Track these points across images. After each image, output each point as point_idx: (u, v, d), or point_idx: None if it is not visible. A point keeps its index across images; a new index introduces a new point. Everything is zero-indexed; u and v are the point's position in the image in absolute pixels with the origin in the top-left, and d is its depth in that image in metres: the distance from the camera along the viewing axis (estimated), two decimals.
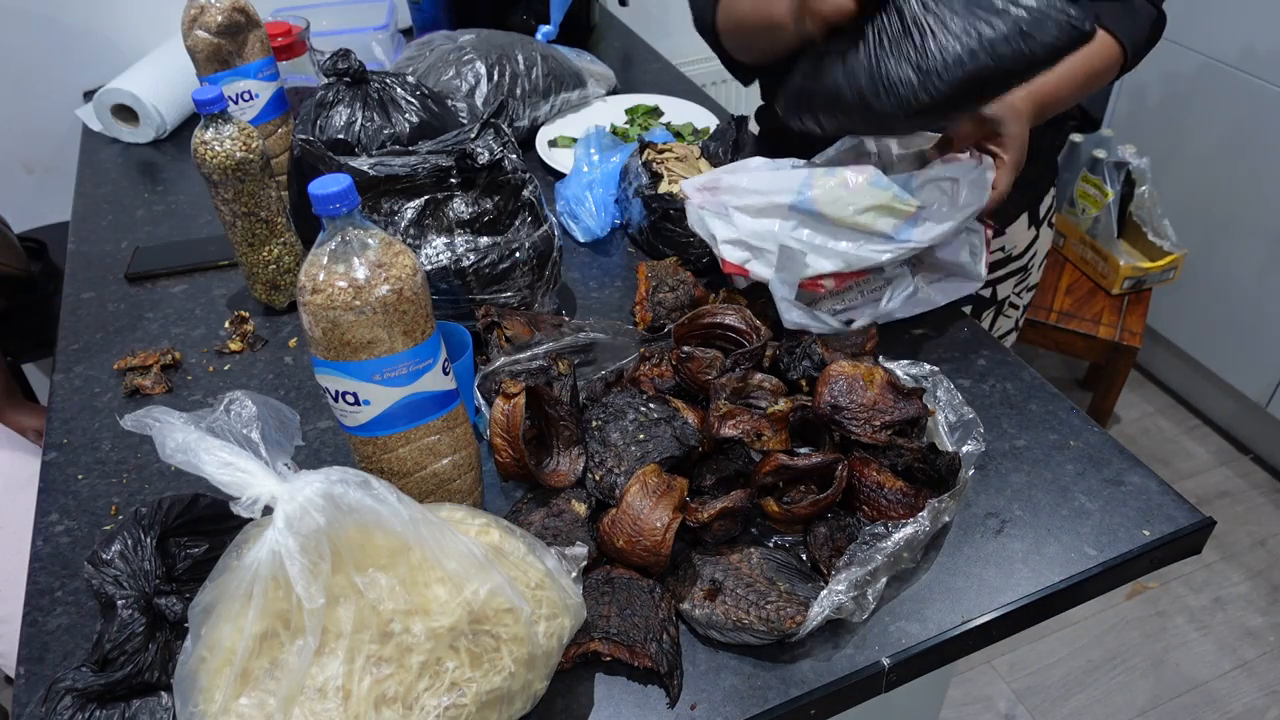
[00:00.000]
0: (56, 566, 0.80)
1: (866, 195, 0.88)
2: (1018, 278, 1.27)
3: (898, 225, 0.88)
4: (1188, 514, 0.80)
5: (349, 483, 0.56)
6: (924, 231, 0.88)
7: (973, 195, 0.89)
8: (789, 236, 0.90)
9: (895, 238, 0.88)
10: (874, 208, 0.88)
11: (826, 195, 0.89)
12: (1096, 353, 2.07)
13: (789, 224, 0.91)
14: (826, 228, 0.90)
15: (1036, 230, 1.25)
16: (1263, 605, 1.95)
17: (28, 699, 0.69)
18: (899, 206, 0.88)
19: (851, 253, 0.89)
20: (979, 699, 1.81)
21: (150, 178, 1.44)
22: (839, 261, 0.89)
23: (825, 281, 0.91)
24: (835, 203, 0.88)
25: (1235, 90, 1.98)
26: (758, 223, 0.92)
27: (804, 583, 0.72)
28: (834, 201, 0.89)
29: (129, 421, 0.57)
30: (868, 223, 0.88)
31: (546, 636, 0.62)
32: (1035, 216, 1.23)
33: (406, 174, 0.91)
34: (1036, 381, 0.95)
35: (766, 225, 0.92)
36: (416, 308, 0.68)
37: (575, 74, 1.51)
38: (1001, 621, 0.74)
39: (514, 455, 0.77)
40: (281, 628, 0.57)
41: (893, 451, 0.79)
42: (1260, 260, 2.05)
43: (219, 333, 1.08)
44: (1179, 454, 2.30)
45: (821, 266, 0.90)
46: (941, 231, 0.88)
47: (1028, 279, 1.30)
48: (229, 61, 1.20)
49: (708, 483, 0.80)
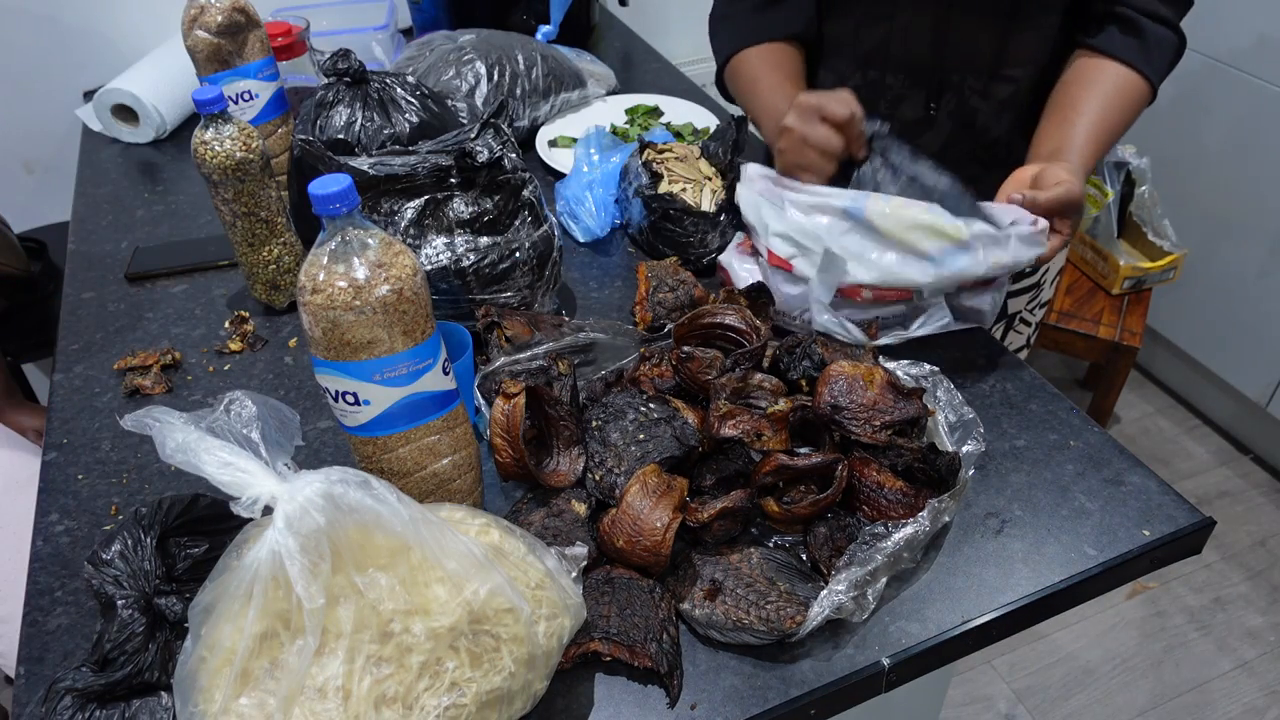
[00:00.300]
0: (56, 566, 0.80)
1: (919, 214, 0.88)
2: (1030, 294, 1.26)
3: (944, 249, 0.87)
4: (1188, 514, 0.80)
5: (349, 483, 0.56)
6: (968, 264, 0.87)
7: (1021, 250, 0.88)
8: (835, 240, 0.90)
9: (939, 261, 0.87)
10: (923, 227, 0.87)
11: (879, 206, 0.88)
12: (1096, 353, 2.07)
13: (838, 227, 0.91)
14: (874, 238, 0.89)
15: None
16: (1263, 605, 1.95)
17: (28, 699, 0.69)
18: (949, 231, 0.87)
19: (893, 268, 0.89)
20: (979, 699, 1.81)
21: (150, 178, 1.44)
22: (878, 274, 0.89)
23: (864, 291, 0.91)
24: (887, 215, 0.88)
25: (1235, 90, 1.98)
26: (809, 219, 0.92)
27: (804, 583, 0.72)
28: (886, 214, 0.88)
29: (129, 421, 0.57)
30: (915, 241, 0.87)
31: (546, 636, 0.62)
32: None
33: (406, 173, 0.91)
34: (1036, 381, 0.95)
35: (816, 223, 0.91)
36: (416, 308, 0.68)
37: (575, 74, 1.51)
38: (1001, 621, 0.74)
39: (514, 455, 0.77)
40: (281, 628, 0.57)
41: (893, 452, 0.79)
42: (1260, 260, 2.05)
43: (219, 333, 1.08)
44: (1179, 454, 2.30)
45: (860, 276, 0.89)
46: (983, 272, 0.88)
47: (1040, 295, 1.28)
48: (229, 61, 1.20)
49: (708, 483, 0.79)
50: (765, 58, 1.10)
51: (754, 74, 1.10)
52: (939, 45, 1.03)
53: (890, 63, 1.06)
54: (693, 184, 1.15)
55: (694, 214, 1.10)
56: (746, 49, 1.11)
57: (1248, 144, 2.00)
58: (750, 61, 1.11)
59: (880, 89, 1.08)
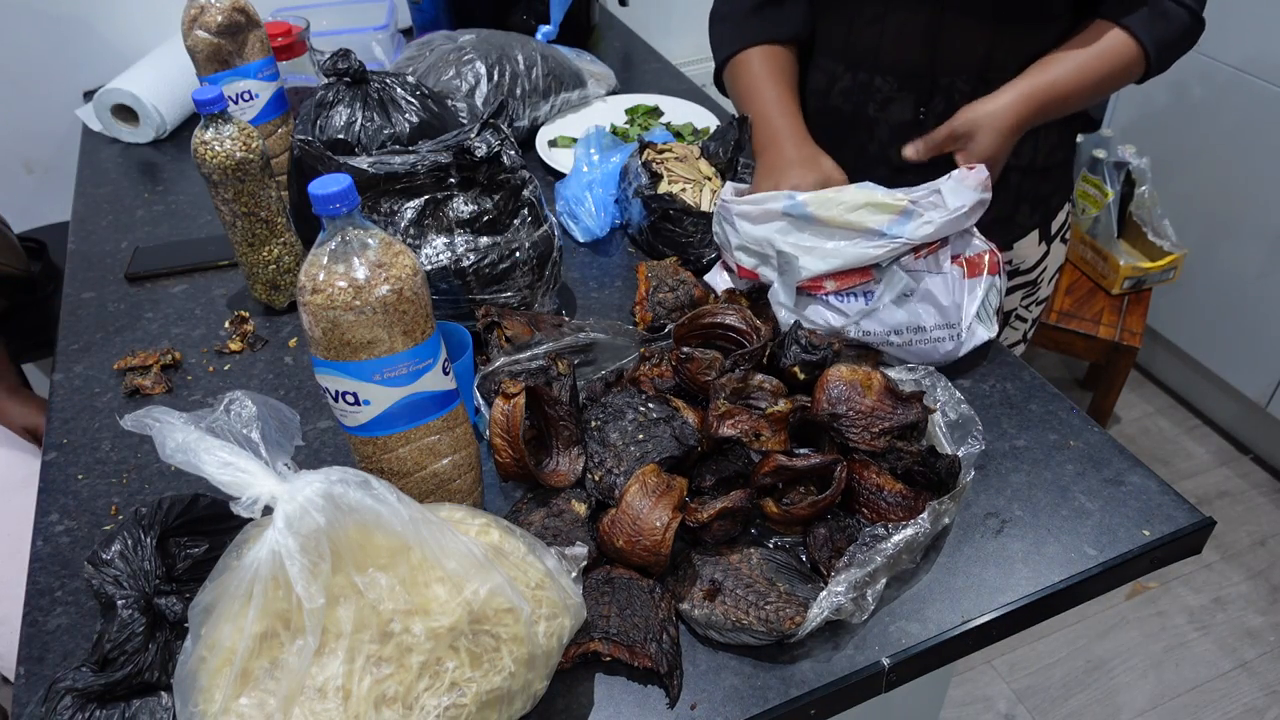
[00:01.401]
0: (56, 566, 0.80)
1: (856, 194, 0.89)
2: (1025, 291, 1.25)
3: (890, 220, 0.88)
4: (1188, 514, 0.80)
5: (349, 483, 0.56)
6: (916, 227, 0.88)
7: (958, 196, 0.89)
8: (784, 242, 0.91)
9: (888, 233, 0.88)
10: (864, 205, 0.89)
11: (817, 198, 0.90)
12: (1096, 353, 2.07)
13: (783, 228, 0.92)
14: (819, 229, 0.90)
15: (1048, 246, 1.22)
16: (1263, 605, 1.95)
17: (28, 699, 0.69)
18: (889, 202, 0.88)
19: (846, 250, 0.89)
20: (979, 699, 1.81)
21: (150, 178, 1.44)
22: (834, 260, 0.89)
23: (827, 283, 0.91)
24: (825, 203, 0.90)
25: (1235, 91, 1.98)
26: (757, 229, 0.94)
27: (803, 584, 0.72)
28: (824, 202, 0.90)
29: (129, 421, 0.57)
30: (859, 220, 0.88)
31: (546, 636, 0.62)
32: (1046, 233, 1.20)
33: (406, 172, 0.91)
34: (1036, 381, 0.95)
35: (765, 231, 0.93)
36: (416, 308, 0.68)
37: (575, 74, 1.51)
38: (1001, 621, 0.74)
39: (514, 455, 0.77)
40: (281, 628, 0.57)
41: (892, 455, 0.79)
42: (1260, 260, 2.05)
43: (219, 333, 1.08)
44: (1179, 454, 2.30)
45: (817, 268, 0.90)
46: (933, 229, 0.88)
47: (1036, 293, 1.28)
48: (229, 61, 1.20)
49: (707, 483, 0.79)
50: (764, 63, 1.10)
51: (751, 84, 1.10)
52: (930, 48, 1.03)
53: (881, 65, 1.06)
54: (692, 184, 1.15)
55: (693, 214, 1.10)
56: (746, 50, 1.11)
57: (1248, 144, 2.00)
58: (749, 66, 1.10)
59: (870, 91, 1.08)
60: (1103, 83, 1.00)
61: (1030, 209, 1.16)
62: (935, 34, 1.01)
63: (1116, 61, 0.99)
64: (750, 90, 1.10)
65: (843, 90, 1.10)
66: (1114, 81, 1.01)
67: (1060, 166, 1.17)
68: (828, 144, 1.04)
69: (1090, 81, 0.99)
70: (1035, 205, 1.16)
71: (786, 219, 0.91)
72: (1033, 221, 1.18)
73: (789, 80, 1.11)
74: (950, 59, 1.03)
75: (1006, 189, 1.12)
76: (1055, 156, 1.14)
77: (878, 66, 1.06)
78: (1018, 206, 1.15)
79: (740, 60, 1.12)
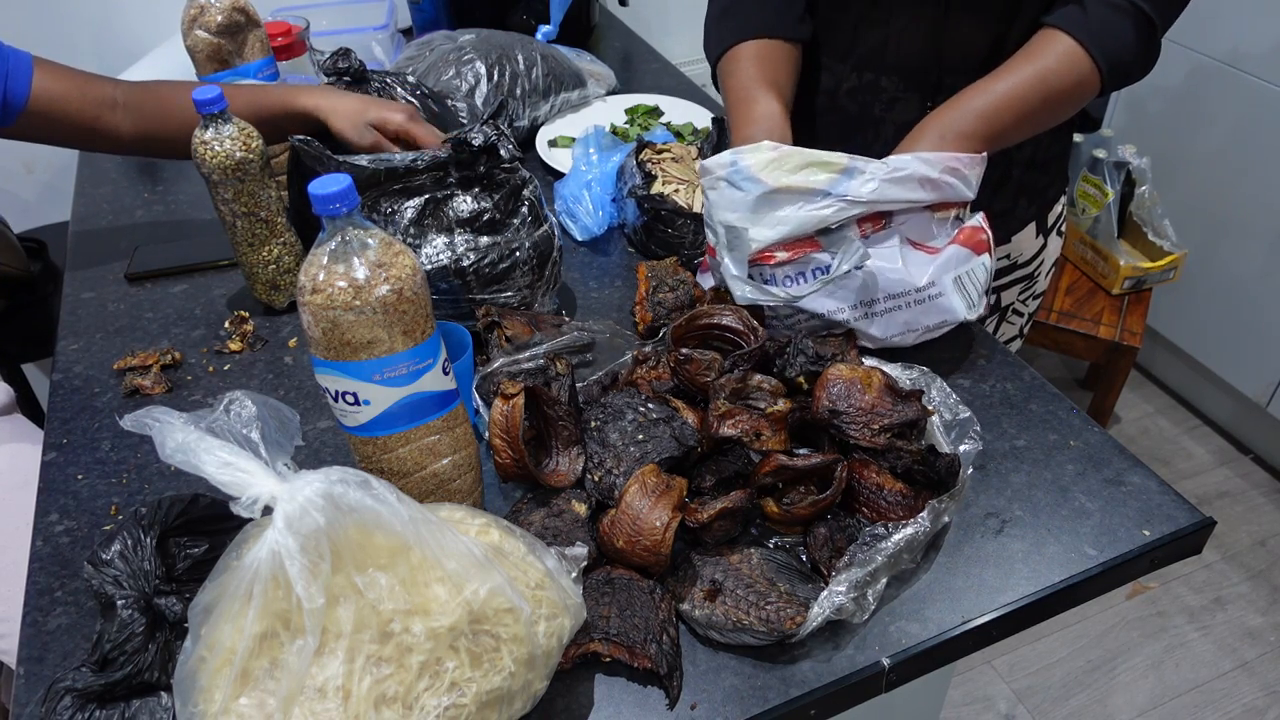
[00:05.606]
0: (56, 566, 0.80)
1: (796, 156, 0.87)
2: (1023, 285, 1.26)
3: (833, 179, 0.86)
4: (1188, 514, 0.80)
5: (349, 483, 0.56)
6: (860, 184, 0.86)
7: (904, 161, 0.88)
8: (732, 213, 0.88)
9: (833, 192, 0.86)
10: (810, 164, 0.86)
11: (758, 160, 0.87)
12: (1096, 353, 2.07)
13: (731, 198, 0.89)
14: (766, 199, 0.87)
15: (1044, 239, 1.23)
16: (1263, 605, 1.95)
17: (28, 699, 0.69)
18: (831, 161, 0.86)
19: (793, 215, 0.87)
20: (979, 699, 1.81)
21: (150, 178, 1.44)
22: (783, 228, 0.87)
23: (778, 253, 0.89)
24: (772, 163, 0.87)
25: (1235, 90, 1.98)
26: (709, 201, 0.91)
27: (804, 583, 0.72)
28: (770, 161, 0.87)
29: (129, 421, 0.57)
30: (803, 181, 0.86)
31: (546, 636, 0.62)
32: (1044, 226, 1.21)
33: (405, 169, 0.91)
34: (1036, 381, 0.95)
35: (713, 200, 0.91)
36: (416, 308, 0.68)
37: (575, 74, 1.51)
38: (1001, 621, 0.74)
39: (513, 456, 0.77)
40: (281, 628, 0.57)
41: (892, 454, 0.79)
42: (1260, 260, 2.05)
43: (219, 333, 1.08)
44: (1179, 454, 2.30)
45: (765, 237, 0.87)
46: (875, 185, 0.86)
47: (1033, 287, 1.28)
48: (229, 61, 1.20)
49: (707, 483, 0.79)
50: (762, 66, 1.08)
51: (743, 87, 1.06)
52: (935, 48, 1.03)
53: (886, 65, 1.06)
54: (686, 185, 1.15)
55: (685, 215, 1.10)
56: (744, 42, 1.09)
57: (1248, 144, 2.00)
58: (743, 64, 1.08)
59: (875, 91, 1.08)
60: (1053, 106, 0.96)
61: (1028, 201, 1.17)
62: (940, 34, 1.01)
63: (1066, 82, 0.94)
64: (742, 99, 1.07)
65: (849, 90, 1.10)
66: (1068, 101, 0.96)
67: (1057, 159, 1.18)
68: (835, 143, 1.04)
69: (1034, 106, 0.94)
70: (1033, 198, 1.18)
71: (733, 187, 0.88)
72: (1030, 213, 1.19)
73: (774, 68, 1.07)
74: (955, 58, 1.03)
75: (1007, 183, 1.13)
76: (1053, 150, 1.15)
77: (883, 67, 1.06)
78: (1017, 200, 1.16)
79: (734, 55, 1.10)
